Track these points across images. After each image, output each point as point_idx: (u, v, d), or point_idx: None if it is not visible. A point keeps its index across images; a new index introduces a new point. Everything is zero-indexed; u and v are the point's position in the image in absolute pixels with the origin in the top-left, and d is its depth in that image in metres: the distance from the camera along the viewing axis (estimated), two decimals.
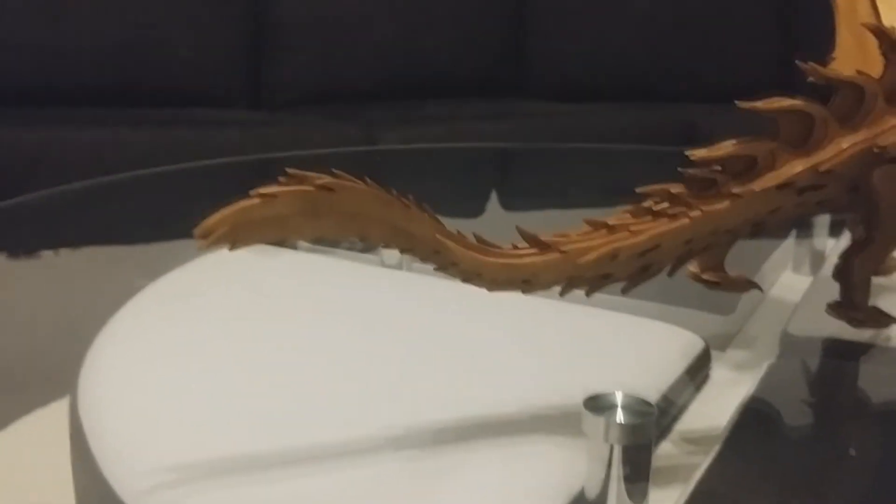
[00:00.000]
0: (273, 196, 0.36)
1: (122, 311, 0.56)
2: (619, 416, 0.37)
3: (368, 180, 0.38)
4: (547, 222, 0.44)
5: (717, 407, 0.49)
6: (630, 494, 0.37)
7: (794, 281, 0.68)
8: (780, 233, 0.45)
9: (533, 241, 0.41)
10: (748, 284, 0.50)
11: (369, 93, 2.00)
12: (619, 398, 0.37)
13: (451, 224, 0.40)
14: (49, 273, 0.79)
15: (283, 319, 0.55)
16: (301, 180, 0.36)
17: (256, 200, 0.36)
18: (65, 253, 0.84)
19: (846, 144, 0.43)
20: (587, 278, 0.42)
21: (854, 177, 0.44)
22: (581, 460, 0.37)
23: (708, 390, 0.52)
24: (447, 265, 0.40)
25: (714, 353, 0.55)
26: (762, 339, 0.59)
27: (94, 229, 0.86)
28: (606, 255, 0.41)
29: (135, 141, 1.56)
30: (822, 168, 0.43)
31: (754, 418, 0.48)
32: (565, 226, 0.43)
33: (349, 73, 2.00)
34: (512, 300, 0.59)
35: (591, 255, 0.41)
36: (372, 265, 0.68)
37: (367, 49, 2.01)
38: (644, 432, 0.37)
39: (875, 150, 0.43)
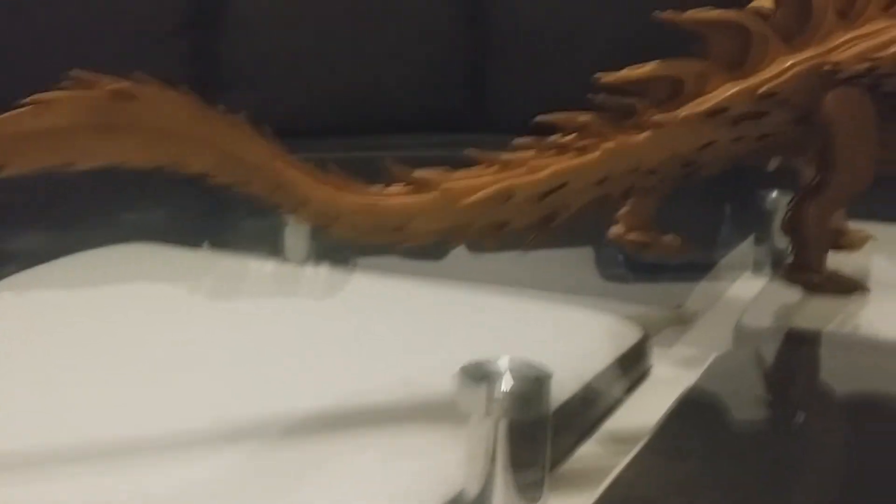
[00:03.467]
0: (48, 103, 0.28)
1: None
2: (504, 384, 0.28)
3: (186, 89, 0.30)
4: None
5: (654, 403, 0.41)
6: (521, 488, 0.28)
7: (753, 282, 0.61)
8: (715, 173, 0.37)
9: (405, 176, 0.33)
10: (683, 247, 0.42)
11: (323, 128, 1.93)
12: (504, 365, 0.29)
13: None
14: None
15: (136, 317, 0.46)
16: (90, 84, 0.28)
17: (28, 108, 0.27)
18: None
19: (790, 63, 0.36)
20: (476, 227, 0.34)
21: (802, 103, 0.36)
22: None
23: (647, 385, 0.44)
24: (295, 205, 0.31)
25: (659, 350, 0.47)
26: (714, 334, 0.51)
27: None
28: (498, 194, 0.33)
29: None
30: (762, 90, 0.35)
31: (692, 413, 0.39)
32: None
33: (301, 108, 1.93)
34: (427, 289, 0.52)
35: (479, 195, 0.33)
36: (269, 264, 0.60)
37: (320, 84, 1.95)
38: (537, 403, 0.28)
39: (826, 67, 0.36)
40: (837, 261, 0.53)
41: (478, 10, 2.10)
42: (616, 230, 0.42)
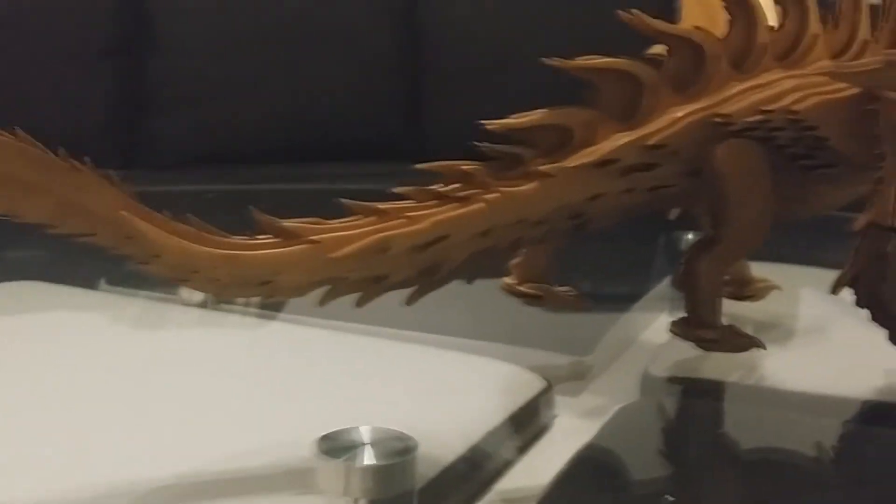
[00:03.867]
0: None
1: None
2: (365, 457, 0.26)
3: (20, 132, 0.27)
4: None
5: (553, 459, 0.39)
6: None
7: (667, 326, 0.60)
8: (607, 225, 0.36)
9: (272, 227, 0.31)
10: (578, 301, 0.40)
11: (255, 156, 1.90)
12: (366, 435, 0.27)
13: None
14: None
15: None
16: None
17: None
18: None
19: (681, 114, 0.35)
20: (351, 281, 0.32)
21: (693, 155, 0.35)
22: None
23: (547, 440, 0.42)
24: (146, 257, 0.29)
25: (565, 399, 0.45)
26: (622, 383, 0.49)
27: None
28: (372, 246, 0.31)
29: None
30: (651, 141, 0.34)
31: (588, 471, 0.38)
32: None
33: (234, 135, 1.89)
34: (314, 335, 0.50)
35: (351, 247, 0.31)
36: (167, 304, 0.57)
37: (253, 111, 1.91)
38: (400, 478, 0.26)
39: (716, 119, 0.35)
40: (742, 309, 0.53)
41: (415, 37, 2.09)
42: (508, 281, 0.40)
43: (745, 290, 0.48)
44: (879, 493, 0.35)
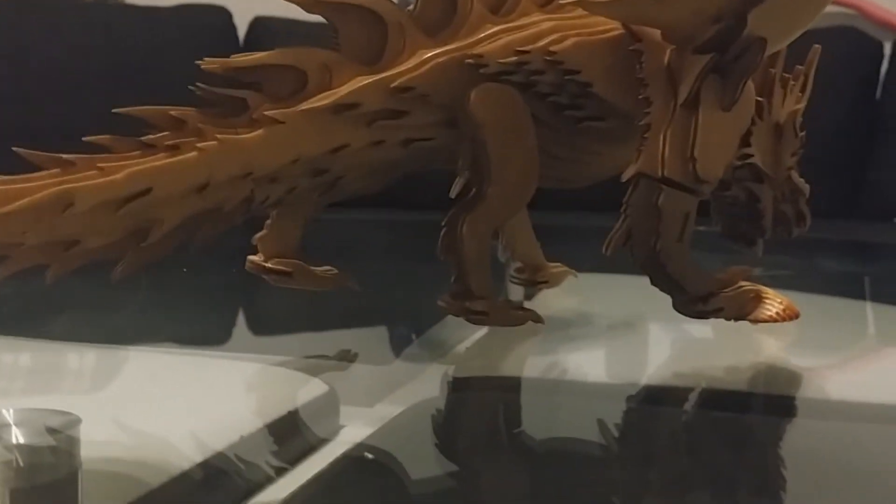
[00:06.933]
0: None
1: None
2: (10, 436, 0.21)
3: None
4: None
5: (330, 467, 0.34)
6: None
7: None
8: (369, 186, 0.32)
9: None
10: (339, 279, 0.36)
11: None
12: (8, 416, 0.21)
13: None
14: None
15: None
16: None
17: None
18: None
19: (429, 55, 0.31)
20: (30, 247, 0.26)
21: (447, 102, 0.31)
22: None
23: (326, 450, 0.37)
24: None
25: (357, 410, 0.40)
26: (425, 392, 0.45)
27: None
28: (50, 201, 0.25)
29: None
30: (396, 83, 0.30)
31: (357, 471, 0.33)
32: None
33: None
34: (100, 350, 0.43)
35: (23, 202, 0.25)
36: None
37: None
38: (57, 458, 0.21)
39: (468, 60, 0.31)
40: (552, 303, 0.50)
41: None
42: (254, 259, 0.35)
43: (539, 275, 0.45)
44: (663, 468, 0.32)
